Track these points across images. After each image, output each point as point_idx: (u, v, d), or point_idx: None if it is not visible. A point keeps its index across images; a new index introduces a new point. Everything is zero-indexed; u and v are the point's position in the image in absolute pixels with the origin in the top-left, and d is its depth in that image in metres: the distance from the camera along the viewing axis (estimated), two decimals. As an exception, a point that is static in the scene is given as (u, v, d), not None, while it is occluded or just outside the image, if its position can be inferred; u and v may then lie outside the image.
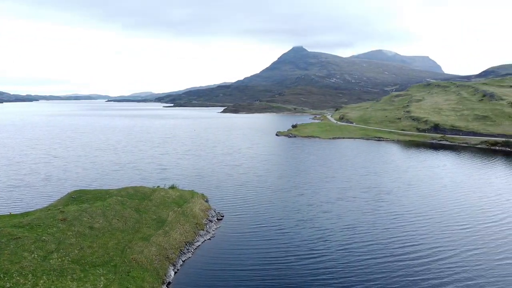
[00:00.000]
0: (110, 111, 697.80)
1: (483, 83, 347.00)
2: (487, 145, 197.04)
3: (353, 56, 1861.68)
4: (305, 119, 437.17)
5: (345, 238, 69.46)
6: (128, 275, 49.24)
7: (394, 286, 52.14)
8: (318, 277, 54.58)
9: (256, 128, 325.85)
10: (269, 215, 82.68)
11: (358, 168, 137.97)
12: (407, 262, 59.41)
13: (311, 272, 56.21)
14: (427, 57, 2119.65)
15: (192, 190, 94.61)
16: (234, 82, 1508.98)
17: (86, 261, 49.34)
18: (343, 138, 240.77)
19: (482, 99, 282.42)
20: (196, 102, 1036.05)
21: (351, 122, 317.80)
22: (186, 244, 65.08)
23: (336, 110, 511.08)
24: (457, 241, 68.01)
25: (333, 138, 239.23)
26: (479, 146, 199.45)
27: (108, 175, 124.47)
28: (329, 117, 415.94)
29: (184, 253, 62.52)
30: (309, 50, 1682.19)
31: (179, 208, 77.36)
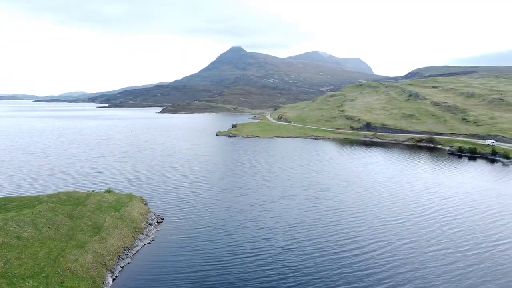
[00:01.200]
0: (38, 112, 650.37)
1: (409, 84, 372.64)
2: (414, 142, 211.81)
3: (290, 57, 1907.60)
4: (245, 118, 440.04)
5: (287, 236, 70.80)
6: (62, 285, 46.18)
7: (334, 280, 54.11)
8: (262, 275, 55.09)
9: (196, 129, 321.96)
10: (211, 216, 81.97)
11: (298, 166, 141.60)
12: (347, 256, 61.95)
13: (255, 271, 56.54)
14: (359, 59, 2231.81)
15: (130, 193, 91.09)
16: (172, 82, 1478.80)
17: (13, 273, 45.46)
18: (282, 137, 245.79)
19: (408, 99, 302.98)
20: (132, 102, 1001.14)
21: (289, 122, 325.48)
22: (125, 250, 62.55)
23: (274, 110, 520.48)
24: (392, 234, 72.21)
25: (273, 137, 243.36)
26: (406, 142, 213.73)
27: (38, 180, 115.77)
28: (268, 116, 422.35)
29: (123, 259, 60.04)
30: (247, 51, 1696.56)
31: (117, 213, 74.08)
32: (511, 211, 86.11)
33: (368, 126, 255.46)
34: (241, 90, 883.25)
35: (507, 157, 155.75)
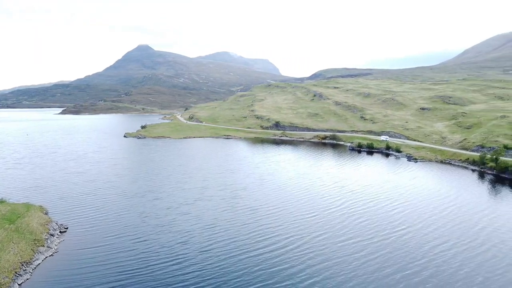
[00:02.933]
0: None
1: (313, 85, 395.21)
2: (319, 139, 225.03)
3: (200, 57, 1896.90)
4: (154, 119, 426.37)
5: (205, 238, 70.04)
6: None
7: (251, 278, 54.97)
8: (178, 280, 53.74)
9: (102, 130, 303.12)
10: (123, 223, 77.69)
11: (213, 166, 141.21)
12: (265, 254, 63.20)
13: (171, 277, 54.85)
14: (267, 60, 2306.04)
15: (27, 203, 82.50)
16: (74, 81, 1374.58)
17: None
18: (194, 137, 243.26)
19: (313, 99, 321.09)
20: (27, 102, 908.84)
21: (201, 122, 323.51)
22: (23, 265, 56.43)
23: (185, 110, 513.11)
24: (305, 228, 75.49)
25: (184, 138, 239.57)
26: (312, 140, 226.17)
27: None
28: (179, 117, 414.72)
29: (20, 275, 54.08)
30: (155, 49, 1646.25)
31: (12, 225, 66.48)
32: (406, 200, 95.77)
33: (277, 125, 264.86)
34: (150, 90, 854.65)
35: (398, 151, 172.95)
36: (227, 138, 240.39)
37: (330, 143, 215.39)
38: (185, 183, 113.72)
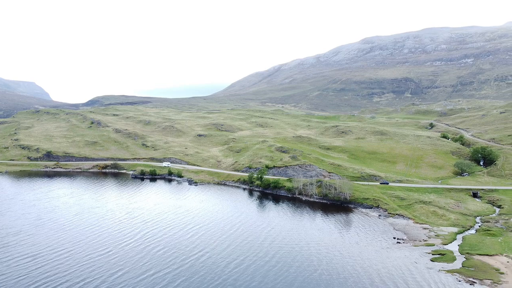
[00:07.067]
0: None
1: (90, 111, 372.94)
2: (99, 168, 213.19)
3: None
4: None
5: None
6: None
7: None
8: None
9: None
10: None
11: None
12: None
13: None
14: (34, 83, 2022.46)
15: None
16: None
17: None
18: None
19: (91, 126, 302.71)
20: None
21: None
22: None
23: None
24: (101, 267, 71.26)
25: None
26: (91, 170, 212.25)
27: None
28: None
29: None
30: None
31: None
32: (199, 223, 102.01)
33: (49, 155, 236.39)
34: None
35: (180, 176, 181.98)
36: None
37: (111, 172, 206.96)
38: None
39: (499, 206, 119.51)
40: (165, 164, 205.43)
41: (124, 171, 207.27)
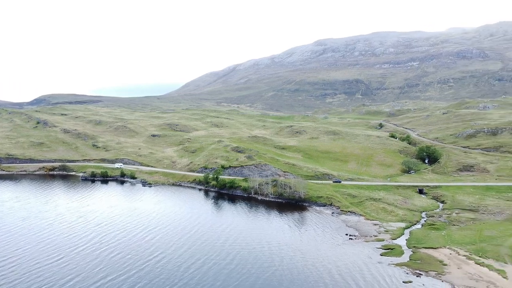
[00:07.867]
0: None
1: (36, 111, 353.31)
2: (46, 171, 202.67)
3: None
4: None
5: None
6: None
7: None
8: None
9: None
10: None
11: None
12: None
13: None
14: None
15: None
16: None
17: None
18: None
19: (36, 126, 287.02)
20: None
21: None
22: None
23: None
24: (52, 276, 68.11)
25: None
26: (38, 172, 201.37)
27: None
28: None
29: None
30: None
31: None
32: (156, 225, 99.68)
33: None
34: None
35: (133, 177, 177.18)
36: None
37: (60, 174, 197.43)
38: None
39: (442, 202, 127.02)
40: (117, 165, 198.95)
41: (73, 173, 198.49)
